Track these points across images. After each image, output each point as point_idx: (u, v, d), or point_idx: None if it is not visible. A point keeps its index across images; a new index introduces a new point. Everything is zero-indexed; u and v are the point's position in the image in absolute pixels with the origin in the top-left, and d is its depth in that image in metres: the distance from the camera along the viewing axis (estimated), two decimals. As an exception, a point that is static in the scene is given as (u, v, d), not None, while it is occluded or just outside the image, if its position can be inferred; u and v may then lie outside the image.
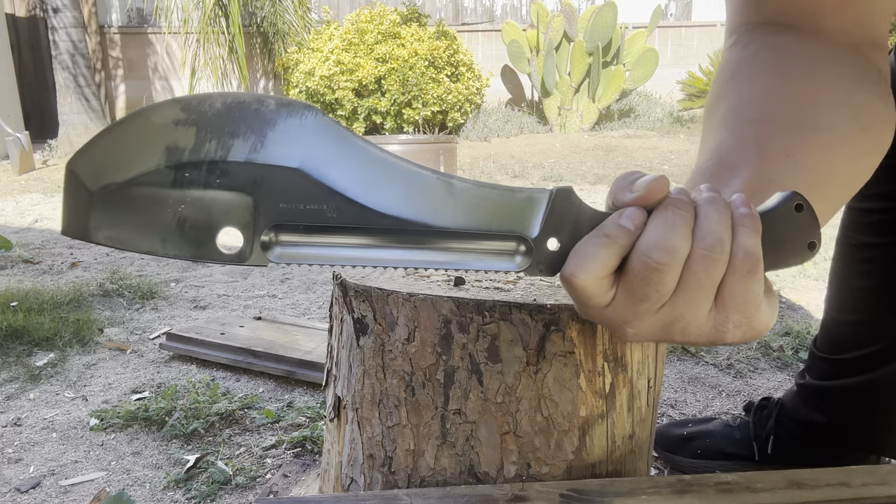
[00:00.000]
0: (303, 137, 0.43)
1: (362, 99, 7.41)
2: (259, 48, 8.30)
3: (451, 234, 0.46)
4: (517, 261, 0.48)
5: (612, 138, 7.11)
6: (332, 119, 0.44)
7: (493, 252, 0.48)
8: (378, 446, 0.77)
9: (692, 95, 8.39)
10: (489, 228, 0.46)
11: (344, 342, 0.81)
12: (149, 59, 8.64)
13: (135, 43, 8.61)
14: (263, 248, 0.44)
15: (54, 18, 6.99)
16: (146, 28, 8.56)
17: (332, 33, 7.63)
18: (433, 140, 4.37)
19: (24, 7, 8.13)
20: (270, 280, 2.64)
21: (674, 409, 1.48)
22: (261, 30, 8.08)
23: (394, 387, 0.76)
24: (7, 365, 1.75)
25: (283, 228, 0.44)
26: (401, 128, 7.42)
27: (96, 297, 2.35)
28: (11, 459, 1.30)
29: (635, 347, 0.77)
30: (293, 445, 1.32)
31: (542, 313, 0.71)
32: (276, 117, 0.43)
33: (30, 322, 1.94)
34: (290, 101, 0.43)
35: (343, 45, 7.38)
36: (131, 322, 2.12)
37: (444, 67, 7.40)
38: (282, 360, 1.73)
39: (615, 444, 0.77)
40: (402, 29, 7.59)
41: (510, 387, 0.72)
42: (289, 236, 0.45)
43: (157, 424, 1.41)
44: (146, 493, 1.18)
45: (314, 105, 0.44)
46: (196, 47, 7.43)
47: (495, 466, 0.73)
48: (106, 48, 8.44)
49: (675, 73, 8.26)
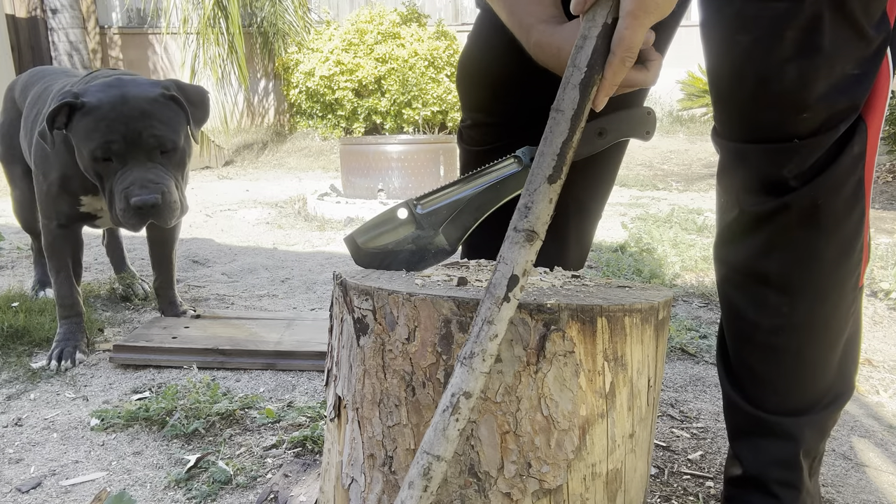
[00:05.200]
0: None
1: (362, 99, 7.42)
2: (259, 48, 8.30)
3: None
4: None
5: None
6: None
7: None
8: (378, 446, 0.78)
9: (692, 95, 8.38)
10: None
11: (344, 342, 0.82)
12: (148, 59, 8.65)
13: (135, 43, 8.61)
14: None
15: (53, 19, 6.99)
16: (146, 28, 8.56)
17: (332, 33, 7.63)
18: (433, 140, 4.37)
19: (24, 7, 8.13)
20: (271, 280, 2.64)
21: (674, 409, 1.49)
22: (261, 30, 8.08)
23: (394, 386, 0.76)
24: (8, 365, 1.75)
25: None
26: (401, 128, 7.42)
27: (97, 297, 2.35)
28: (12, 460, 1.30)
29: (635, 347, 0.77)
30: (294, 445, 1.32)
31: (542, 313, 0.71)
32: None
33: (30, 322, 1.94)
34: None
35: (343, 46, 7.38)
36: (131, 322, 2.12)
37: (443, 67, 7.41)
38: (255, 355, 1.73)
39: (615, 443, 0.77)
40: (402, 29, 7.59)
41: (510, 386, 0.72)
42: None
43: (158, 424, 1.41)
44: (147, 493, 1.18)
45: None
46: (196, 47, 7.43)
47: (495, 466, 0.73)
48: (106, 48, 8.44)
49: (674, 73, 8.25)
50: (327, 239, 3.51)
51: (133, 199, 1.59)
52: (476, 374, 0.64)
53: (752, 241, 0.92)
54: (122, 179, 1.62)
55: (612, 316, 0.74)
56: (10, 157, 2.16)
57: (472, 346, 0.65)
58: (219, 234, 3.68)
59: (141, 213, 1.62)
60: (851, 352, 0.97)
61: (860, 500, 1.14)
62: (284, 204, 4.57)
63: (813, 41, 0.79)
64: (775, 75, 0.81)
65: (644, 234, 3.09)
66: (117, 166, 1.62)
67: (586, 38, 0.66)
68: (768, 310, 0.92)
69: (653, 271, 2.45)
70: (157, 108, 1.65)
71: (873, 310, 2.09)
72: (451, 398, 0.65)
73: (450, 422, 0.64)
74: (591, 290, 0.84)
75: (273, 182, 5.83)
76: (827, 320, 0.92)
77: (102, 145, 1.60)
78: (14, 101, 2.12)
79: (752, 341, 0.95)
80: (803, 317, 0.91)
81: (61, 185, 1.77)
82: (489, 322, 0.64)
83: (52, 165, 1.76)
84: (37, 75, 2.12)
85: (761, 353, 0.95)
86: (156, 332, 1.87)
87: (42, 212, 1.85)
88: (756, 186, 0.89)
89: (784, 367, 0.94)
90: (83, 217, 1.86)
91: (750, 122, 0.87)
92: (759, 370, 0.95)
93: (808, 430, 0.95)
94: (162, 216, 1.64)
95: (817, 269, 0.90)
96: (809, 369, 0.94)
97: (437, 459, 0.64)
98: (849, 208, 0.88)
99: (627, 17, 0.66)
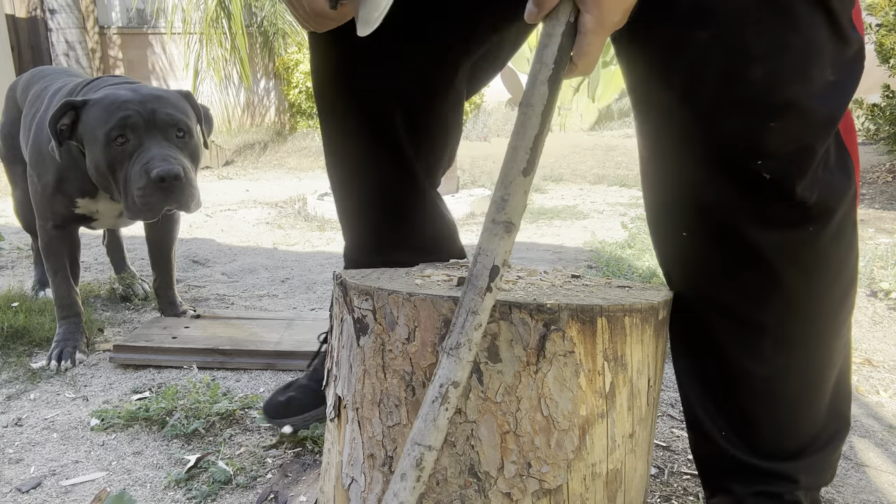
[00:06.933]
0: None
1: (362, 99, 7.41)
2: (259, 48, 8.29)
3: None
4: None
5: (612, 138, 7.11)
6: None
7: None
8: (378, 446, 0.78)
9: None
10: None
11: (344, 342, 0.82)
12: (148, 59, 8.64)
13: (135, 43, 8.60)
14: None
15: (52, 20, 6.99)
16: (145, 28, 8.56)
17: (332, 33, 7.62)
18: (433, 140, 4.36)
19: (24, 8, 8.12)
20: (271, 280, 2.64)
21: (674, 409, 1.49)
22: (261, 29, 8.07)
23: (394, 386, 0.76)
24: (8, 365, 1.75)
25: None
26: (400, 128, 7.41)
27: (97, 297, 2.35)
28: (12, 460, 1.30)
29: (635, 347, 0.77)
30: (294, 445, 1.32)
31: (542, 313, 0.71)
32: None
33: (30, 322, 1.94)
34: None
35: (343, 46, 7.37)
36: (131, 322, 2.12)
37: (443, 67, 7.40)
38: (255, 355, 1.73)
39: (615, 443, 0.77)
40: (402, 29, 7.58)
41: (510, 386, 0.72)
42: None
43: (158, 424, 1.41)
44: (147, 493, 1.18)
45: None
46: (199, 48, 7.42)
47: (495, 466, 0.73)
48: (105, 48, 8.44)
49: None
50: (327, 239, 3.51)
51: (154, 170, 1.53)
52: (463, 364, 0.66)
53: (746, 280, 0.82)
54: (139, 158, 1.57)
55: (612, 316, 0.74)
56: (12, 157, 2.16)
57: (457, 336, 0.66)
58: (219, 234, 3.68)
59: (162, 189, 1.55)
60: (844, 384, 0.91)
61: (860, 500, 1.14)
62: (284, 204, 4.57)
63: (783, 37, 0.71)
64: (739, 76, 0.72)
65: (644, 234, 3.09)
66: (134, 146, 1.58)
67: (551, 35, 0.67)
68: (763, 358, 0.85)
69: (653, 271, 2.45)
70: (169, 95, 1.67)
71: (873, 310, 2.09)
72: (440, 388, 0.66)
73: (440, 412, 0.66)
74: (591, 290, 0.84)
75: (273, 182, 5.82)
76: (824, 362, 0.87)
77: (118, 122, 1.56)
78: (15, 101, 2.12)
79: (742, 387, 0.87)
80: (802, 364, 0.85)
81: (56, 187, 1.77)
82: (474, 312, 0.66)
83: (48, 167, 1.75)
84: (37, 75, 2.12)
85: (753, 399, 0.87)
86: (156, 332, 1.87)
87: (37, 213, 1.85)
88: (752, 217, 0.78)
89: (778, 412, 0.87)
90: (79, 219, 1.86)
91: (712, 132, 0.75)
92: (751, 415, 0.88)
93: (803, 473, 0.89)
94: (184, 194, 1.58)
95: (821, 318, 0.83)
96: (805, 411, 0.88)
97: (428, 449, 0.66)
98: (849, 249, 0.83)
99: (589, 34, 0.66)
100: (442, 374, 0.67)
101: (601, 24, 0.66)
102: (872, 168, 4.25)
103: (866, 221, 3.13)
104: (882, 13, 3.43)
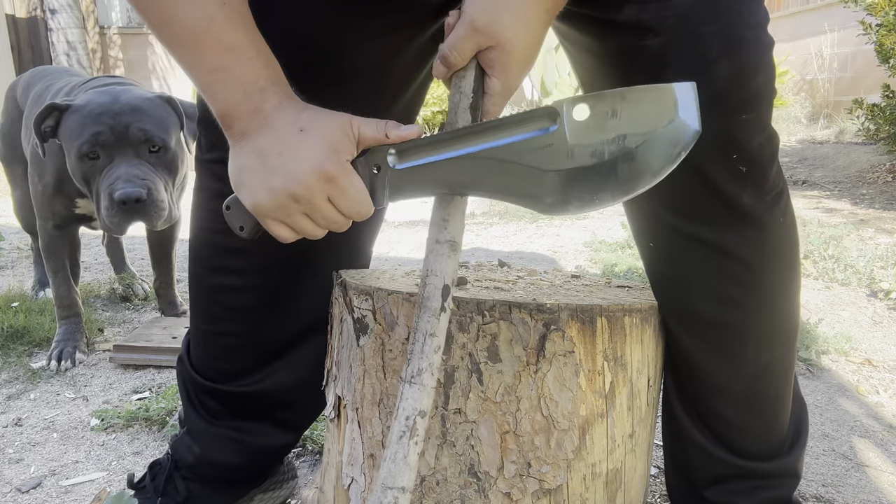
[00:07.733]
0: None
1: (362, 99, 7.40)
2: (259, 48, 8.29)
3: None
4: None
5: (612, 138, 7.09)
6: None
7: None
8: (378, 445, 0.78)
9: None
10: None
11: (344, 342, 0.82)
12: (148, 59, 8.65)
13: (135, 43, 8.61)
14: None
15: (52, 20, 7.00)
16: (146, 28, 8.55)
17: (332, 33, 7.61)
18: (433, 140, 4.36)
19: (25, 8, 8.13)
20: (270, 280, 2.64)
21: (674, 409, 1.49)
22: (261, 30, 8.07)
23: (394, 386, 0.76)
24: (8, 365, 1.75)
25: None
26: (400, 128, 7.40)
27: (97, 297, 2.35)
28: (12, 460, 1.30)
29: (635, 347, 0.77)
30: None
31: (542, 313, 0.71)
32: None
33: (30, 322, 1.94)
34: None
35: (343, 46, 7.36)
36: (131, 322, 2.12)
37: (443, 67, 7.39)
38: None
39: (615, 443, 0.77)
40: (402, 29, 7.58)
41: (510, 386, 0.72)
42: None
43: (158, 424, 1.41)
44: (147, 493, 1.18)
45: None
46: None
47: (495, 465, 0.73)
48: (105, 48, 8.44)
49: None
50: (327, 239, 3.51)
51: (117, 192, 1.53)
52: (427, 391, 0.62)
53: (722, 285, 0.79)
54: (107, 176, 1.57)
55: (612, 316, 0.74)
56: (12, 157, 2.16)
57: (417, 362, 0.62)
58: (219, 234, 3.68)
59: (125, 210, 1.55)
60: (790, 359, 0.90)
61: (860, 500, 1.14)
62: (284, 204, 4.57)
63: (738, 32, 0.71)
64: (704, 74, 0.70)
65: (644, 234, 3.08)
66: (104, 163, 1.58)
67: (460, 92, 0.68)
68: (746, 360, 0.83)
69: (653, 271, 2.45)
70: (148, 105, 1.63)
71: (873, 310, 2.09)
72: (407, 421, 0.61)
73: (409, 447, 0.61)
74: (590, 290, 0.84)
75: (273, 182, 5.83)
76: (792, 341, 0.86)
77: (89, 139, 1.56)
78: (16, 101, 2.12)
79: (726, 393, 0.85)
80: (782, 360, 0.85)
81: (56, 187, 1.77)
82: (431, 335, 0.63)
83: (47, 167, 1.76)
84: (38, 75, 2.12)
85: (738, 404, 0.85)
86: (156, 332, 1.87)
87: (38, 213, 1.85)
88: (718, 215, 0.76)
89: (764, 412, 0.86)
90: (79, 219, 1.86)
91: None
92: (738, 420, 0.85)
93: (801, 463, 0.90)
94: (148, 215, 1.58)
95: (792, 294, 0.83)
96: (787, 402, 0.87)
97: (402, 492, 0.60)
98: (794, 219, 0.83)
99: (495, 96, 0.67)
100: (407, 406, 0.62)
101: (507, 89, 0.68)
102: (872, 168, 4.24)
103: (866, 221, 3.13)
104: (882, 13, 3.42)
